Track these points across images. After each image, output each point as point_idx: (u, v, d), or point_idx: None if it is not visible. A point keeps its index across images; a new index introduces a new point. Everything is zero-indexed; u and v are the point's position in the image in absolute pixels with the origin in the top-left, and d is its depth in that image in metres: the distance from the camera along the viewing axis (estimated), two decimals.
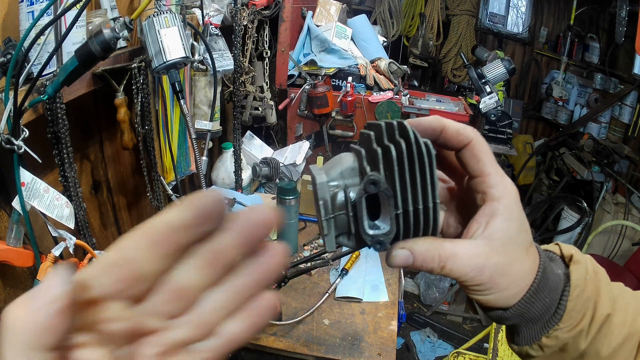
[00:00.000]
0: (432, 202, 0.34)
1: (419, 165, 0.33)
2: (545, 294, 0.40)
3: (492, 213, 0.38)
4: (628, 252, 2.99)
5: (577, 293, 0.40)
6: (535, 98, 4.34)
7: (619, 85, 3.69)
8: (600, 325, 0.41)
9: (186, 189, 1.80)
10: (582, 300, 0.41)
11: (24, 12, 0.85)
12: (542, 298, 0.40)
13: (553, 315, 0.41)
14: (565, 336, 0.41)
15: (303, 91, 2.09)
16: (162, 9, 1.06)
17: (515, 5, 4.15)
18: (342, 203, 0.34)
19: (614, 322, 0.42)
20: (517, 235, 0.39)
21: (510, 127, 2.54)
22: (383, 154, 0.33)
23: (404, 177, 0.33)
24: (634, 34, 2.59)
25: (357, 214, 0.33)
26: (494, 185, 0.38)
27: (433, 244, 0.36)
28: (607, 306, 0.42)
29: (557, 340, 0.41)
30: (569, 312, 0.40)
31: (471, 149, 0.38)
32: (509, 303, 0.40)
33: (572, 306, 0.40)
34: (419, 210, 0.34)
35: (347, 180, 0.35)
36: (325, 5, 2.32)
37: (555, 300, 0.41)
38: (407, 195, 0.33)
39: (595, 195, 3.25)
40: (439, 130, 0.38)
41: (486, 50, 3.04)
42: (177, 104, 1.35)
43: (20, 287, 1.01)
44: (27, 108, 0.84)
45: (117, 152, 1.35)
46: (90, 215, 1.27)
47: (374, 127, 0.37)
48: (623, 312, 0.42)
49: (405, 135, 0.34)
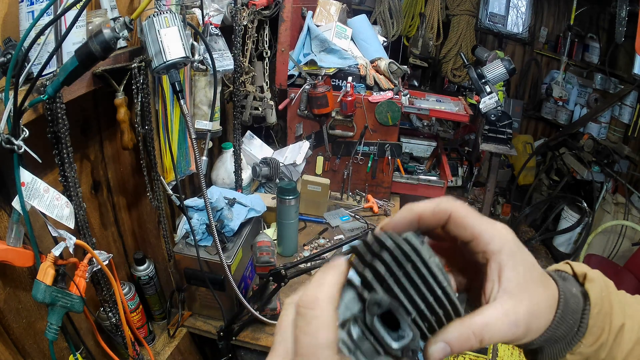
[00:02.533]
0: (440, 289, 0.35)
1: (411, 265, 0.34)
2: (569, 316, 0.42)
3: (499, 267, 0.39)
4: (628, 252, 2.99)
5: (596, 311, 0.42)
6: (535, 98, 4.34)
7: (619, 85, 3.69)
8: (615, 336, 0.43)
9: (186, 189, 1.80)
10: (602, 316, 0.42)
11: (24, 12, 0.85)
12: (566, 321, 0.42)
13: (576, 334, 0.43)
14: (588, 351, 0.43)
15: (303, 91, 2.09)
16: (162, 9, 1.06)
17: (515, 5, 4.15)
18: (360, 335, 0.35)
19: (625, 329, 0.43)
20: (530, 274, 0.40)
21: (510, 127, 2.54)
22: (373, 273, 0.35)
23: (401, 284, 0.34)
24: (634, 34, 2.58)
25: (377, 336, 0.34)
26: (489, 241, 0.39)
27: (462, 325, 0.37)
28: (620, 317, 0.43)
29: (580, 356, 0.43)
30: (590, 329, 0.42)
31: (454, 221, 0.40)
32: (539, 333, 0.42)
33: (593, 323, 0.42)
34: (431, 305, 0.35)
35: (353, 310, 0.35)
36: (325, 5, 2.32)
37: (577, 320, 0.43)
38: (412, 297, 0.34)
39: (595, 195, 3.25)
40: (415, 220, 0.40)
41: (486, 50, 3.04)
42: (177, 104, 1.35)
43: (21, 287, 1.01)
44: (27, 108, 0.84)
45: (117, 152, 1.35)
46: (90, 215, 1.27)
47: (354, 251, 0.37)
48: (631, 319, 0.44)
49: (384, 245, 0.35)
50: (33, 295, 0.87)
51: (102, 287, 1.15)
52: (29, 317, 1.04)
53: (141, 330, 1.43)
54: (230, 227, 1.52)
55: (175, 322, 1.56)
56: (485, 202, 2.83)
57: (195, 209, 1.50)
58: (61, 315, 0.92)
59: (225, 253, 1.47)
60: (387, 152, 2.22)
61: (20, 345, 1.03)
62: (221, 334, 1.49)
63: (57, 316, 0.91)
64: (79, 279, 0.97)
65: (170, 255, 1.49)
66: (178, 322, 1.56)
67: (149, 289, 1.47)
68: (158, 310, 1.56)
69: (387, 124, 2.14)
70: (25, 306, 1.02)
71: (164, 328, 1.57)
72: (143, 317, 1.44)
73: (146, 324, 1.46)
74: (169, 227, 1.48)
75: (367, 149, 2.22)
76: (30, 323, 1.04)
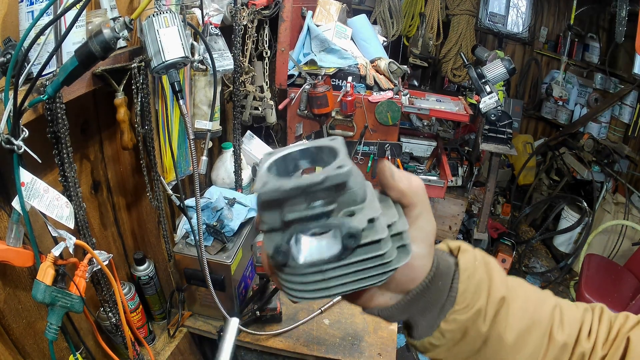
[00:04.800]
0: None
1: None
2: (439, 279, 0.42)
3: (416, 217, 0.42)
4: (628, 252, 2.99)
5: (467, 275, 0.42)
6: (535, 98, 4.34)
7: (619, 85, 3.69)
8: (497, 308, 0.43)
9: (186, 189, 1.80)
10: (474, 282, 0.43)
11: (24, 12, 0.85)
12: (436, 283, 0.42)
13: (447, 299, 0.42)
14: (463, 318, 0.42)
15: (303, 91, 2.09)
16: (162, 9, 1.06)
17: (515, 5, 4.15)
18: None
19: (512, 307, 0.43)
20: (431, 232, 0.42)
21: (510, 127, 2.54)
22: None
23: None
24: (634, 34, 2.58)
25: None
26: (412, 197, 0.42)
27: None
28: (501, 289, 0.43)
29: (456, 324, 0.42)
30: (462, 293, 0.42)
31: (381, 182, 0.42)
32: (416, 284, 0.42)
33: (465, 287, 0.42)
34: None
35: None
36: (325, 5, 2.32)
37: (447, 284, 0.42)
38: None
39: (595, 195, 3.25)
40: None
41: (486, 50, 3.04)
42: (177, 104, 1.35)
43: (21, 287, 1.01)
44: (27, 108, 0.84)
45: (117, 152, 1.35)
46: (90, 215, 1.27)
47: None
48: (522, 299, 0.44)
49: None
50: (33, 296, 0.87)
51: (102, 287, 1.15)
52: (29, 317, 1.04)
53: (141, 330, 1.43)
54: (230, 227, 1.52)
55: (175, 322, 1.56)
56: (485, 202, 2.83)
57: (195, 209, 1.50)
58: (61, 315, 0.92)
59: (225, 253, 1.48)
60: (387, 151, 2.22)
61: (20, 346, 1.03)
62: (221, 334, 1.49)
63: (57, 316, 0.91)
64: (78, 279, 0.97)
65: (170, 255, 1.49)
66: (178, 322, 1.56)
67: (149, 289, 1.47)
68: (158, 310, 1.56)
69: (387, 123, 2.14)
70: (25, 306, 1.02)
71: (164, 328, 1.57)
72: (143, 317, 1.44)
73: (146, 324, 1.46)
74: (169, 227, 1.48)
75: (367, 148, 2.22)
76: (30, 323, 1.04)
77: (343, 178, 0.33)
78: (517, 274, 3.14)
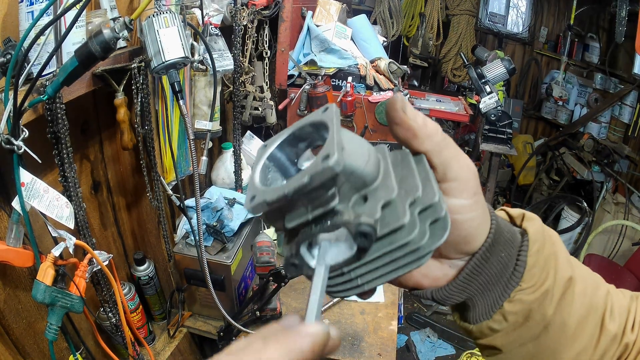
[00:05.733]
0: None
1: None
2: (501, 248, 0.35)
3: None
4: (628, 252, 2.99)
5: (536, 248, 0.36)
6: (535, 98, 4.34)
7: (619, 85, 3.70)
8: (564, 290, 0.37)
9: (186, 189, 1.80)
10: (543, 257, 0.36)
11: (24, 12, 0.85)
12: (497, 253, 0.35)
13: (512, 274, 0.36)
14: (531, 298, 0.36)
15: (303, 91, 2.09)
16: (162, 9, 1.06)
17: (515, 5, 4.15)
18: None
19: (576, 290, 0.37)
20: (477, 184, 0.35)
21: (510, 127, 2.54)
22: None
23: None
24: (634, 34, 2.58)
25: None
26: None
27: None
28: (568, 268, 0.37)
29: (522, 305, 0.36)
30: (530, 269, 0.36)
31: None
32: (464, 250, 0.35)
33: (534, 262, 0.36)
34: None
35: None
36: (325, 5, 2.32)
37: (513, 256, 0.36)
38: None
39: (595, 195, 3.25)
40: None
41: (486, 50, 3.04)
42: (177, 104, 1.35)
43: (21, 287, 1.01)
44: (27, 108, 0.84)
45: (117, 152, 1.35)
46: (90, 215, 1.27)
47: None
48: (583, 280, 0.38)
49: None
50: (33, 296, 0.87)
51: (102, 288, 1.15)
52: (29, 318, 1.04)
53: (141, 331, 1.43)
54: (230, 227, 1.52)
55: (175, 322, 1.56)
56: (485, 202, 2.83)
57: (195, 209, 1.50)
58: (61, 315, 0.92)
59: (225, 253, 1.48)
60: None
61: (20, 346, 1.03)
62: (221, 334, 1.49)
63: (57, 316, 0.91)
64: (78, 279, 0.97)
65: (170, 255, 1.49)
66: (178, 322, 1.56)
67: (149, 289, 1.47)
68: (158, 311, 1.56)
69: (387, 124, 2.14)
70: (25, 306, 1.02)
71: (164, 328, 1.57)
72: (143, 317, 1.44)
73: (146, 324, 1.46)
74: (169, 227, 1.48)
75: None
76: (30, 323, 1.04)
77: (331, 172, 0.27)
78: None
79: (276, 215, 0.31)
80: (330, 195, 0.29)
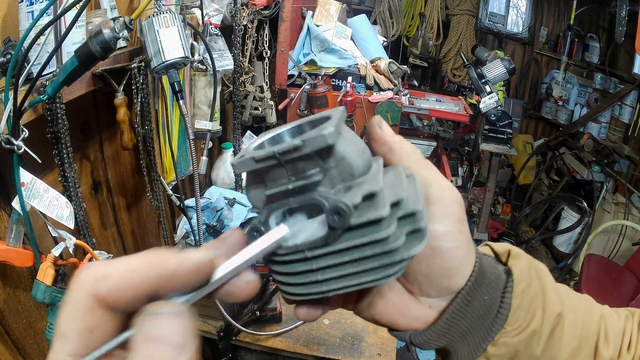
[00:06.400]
0: None
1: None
2: (484, 290, 0.34)
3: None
4: (628, 252, 2.99)
5: (522, 288, 0.35)
6: (535, 98, 4.34)
7: (619, 85, 3.70)
8: (552, 327, 0.36)
9: (186, 189, 1.80)
10: (529, 297, 0.35)
11: (24, 12, 0.85)
12: (480, 295, 0.34)
13: (496, 317, 0.34)
14: (516, 340, 0.34)
15: (303, 91, 2.09)
16: (162, 9, 1.06)
17: (515, 5, 4.15)
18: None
19: (566, 323, 0.36)
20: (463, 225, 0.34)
21: (510, 127, 2.54)
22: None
23: None
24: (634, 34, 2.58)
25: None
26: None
27: None
28: (557, 304, 0.36)
29: (507, 348, 0.35)
30: (514, 311, 0.34)
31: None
32: (444, 285, 0.34)
33: (518, 304, 0.34)
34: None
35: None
36: (325, 5, 2.32)
37: (496, 299, 0.35)
38: None
39: (595, 195, 3.25)
40: None
41: (486, 50, 3.04)
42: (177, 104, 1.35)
43: (21, 287, 1.01)
44: (27, 108, 0.84)
45: (117, 152, 1.35)
46: (90, 215, 1.27)
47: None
48: (572, 312, 0.37)
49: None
50: (33, 296, 0.87)
51: None
52: (29, 318, 1.04)
53: None
54: (230, 227, 1.52)
55: None
56: (485, 202, 2.83)
57: (195, 209, 1.50)
58: None
59: None
60: None
61: (20, 346, 1.03)
62: (221, 334, 1.49)
63: (57, 316, 0.91)
64: None
65: None
66: None
67: None
68: None
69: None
70: (25, 306, 1.02)
71: None
72: None
73: None
74: (169, 227, 1.48)
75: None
76: (30, 323, 1.04)
77: (326, 141, 0.26)
78: None
79: (258, 179, 0.30)
80: (316, 171, 0.28)
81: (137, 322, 0.22)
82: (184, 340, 0.22)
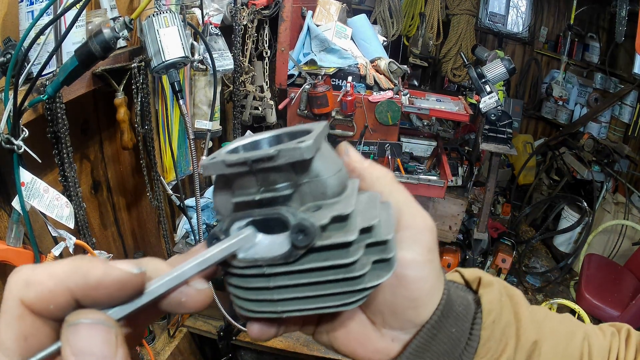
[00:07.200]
0: None
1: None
2: (452, 323, 0.32)
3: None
4: (628, 252, 2.99)
5: (492, 318, 0.33)
6: (535, 98, 4.34)
7: (619, 85, 3.70)
8: (528, 355, 0.35)
9: (186, 189, 1.80)
10: (500, 327, 0.34)
11: (24, 12, 0.85)
12: (446, 328, 0.32)
13: (465, 350, 0.33)
14: None
15: (303, 91, 2.09)
16: (162, 9, 1.06)
17: (515, 4, 4.15)
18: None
19: (543, 350, 0.35)
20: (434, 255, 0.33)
21: (510, 127, 2.54)
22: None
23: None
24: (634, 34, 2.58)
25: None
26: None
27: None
28: (532, 332, 0.35)
29: None
30: (485, 343, 0.33)
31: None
32: (409, 318, 0.32)
33: (488, 335, 0.33)
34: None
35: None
36: (325, 5, 2.32)
37: (465, 331, 0.33)
38: None
39: (596, 195, 3.25)
40: None
41: (486, 50, 3.04)
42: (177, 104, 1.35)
43: None
44: (27, 108, 0.84)
45: (117, 152, 1.35)
46: (90, 215, 1.27)
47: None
48: (552, 337, 0.36)
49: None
50: None
51: None
52: None
53: None
54: None
55: (175, 322, 1.56)
56: (485, 202, 2.83)
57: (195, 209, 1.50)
58: None
59: None
60: (387, 151, 2.22)
61: None
62: (221, 334, 1.49)
63: None
64: None
65: (170, 255, 1.49)
66: (178, 322, 1.56)
67: None
68: None
69: (387, 123, 2.14)
70: None
71: (164, 328, 1.57)
72: None
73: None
74: (169, 227, 1.48)
75: (367, 148, 2.22)
76: None
77: (302, 154, 0.25)
78: (517, 274, 3.14)
79: (226, 186, 0.29)
80: (286, 185, 0.27)
81: (62, 332, 0.22)
82: (103, 353, 0.21)
